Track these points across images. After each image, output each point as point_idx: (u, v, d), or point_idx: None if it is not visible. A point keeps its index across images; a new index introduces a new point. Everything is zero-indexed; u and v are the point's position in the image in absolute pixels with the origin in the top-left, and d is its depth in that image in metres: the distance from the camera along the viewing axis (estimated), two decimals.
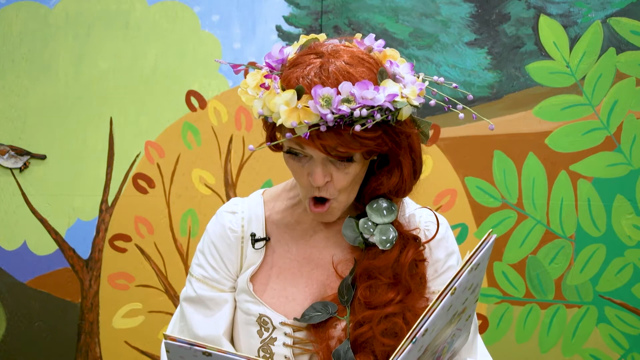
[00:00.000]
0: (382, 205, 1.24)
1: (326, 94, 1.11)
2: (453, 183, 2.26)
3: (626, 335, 2.23)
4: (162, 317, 2.35)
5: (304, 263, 1.28)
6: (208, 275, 1.30)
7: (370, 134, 1.13)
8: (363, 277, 1.22)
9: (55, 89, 2.39)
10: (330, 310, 1.22)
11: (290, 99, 1.13)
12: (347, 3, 2.30)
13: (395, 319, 1.19)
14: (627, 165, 2.22)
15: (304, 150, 1.17)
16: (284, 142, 1.18)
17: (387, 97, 1.11)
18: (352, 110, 1.09)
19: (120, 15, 2.38)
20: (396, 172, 1.22)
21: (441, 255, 1.28)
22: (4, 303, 2.40)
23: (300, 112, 1.11)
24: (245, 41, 2.35)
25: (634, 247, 2.22)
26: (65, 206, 2.38)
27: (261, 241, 1.29)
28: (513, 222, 2.25)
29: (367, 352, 1.18)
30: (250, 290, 1.26)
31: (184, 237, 2.34)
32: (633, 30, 2.22)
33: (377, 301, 1.19)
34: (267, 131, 1.25)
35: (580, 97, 2.23)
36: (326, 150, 1.14)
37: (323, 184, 1.17)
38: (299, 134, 1.12)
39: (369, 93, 1.11)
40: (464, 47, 2.27)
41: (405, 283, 1.21)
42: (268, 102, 1.15)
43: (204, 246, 1.32)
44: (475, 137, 2.25)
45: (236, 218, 1.32)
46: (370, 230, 1.22)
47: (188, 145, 2.35)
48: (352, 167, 1.18)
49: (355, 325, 1.20)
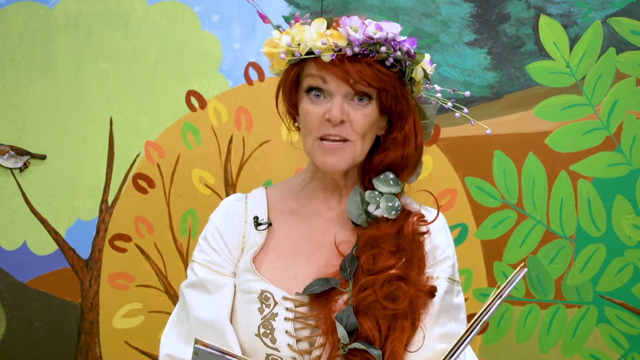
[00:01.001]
0: (388, 176, 1.28)
1: (354, 24, 1.20)
2: (453, 183, 2.26)
3: (626, 335, 2.23)
4: (162, 317, 2.35)
5: (305, 245, 1.30)
6: (210, 259, 1.32)
7: (389, 72, 1.21)
8: (366, 247, 1.25)
9: (55, 89, 2.39)
10: (332, 283, 1.24)
11: (319, 26, 1.21)
12: (347, 3, 2.30)
13: (397, 282, 1.21)
14: (627, 165, 2.22)
15: (325, 85, 1.22)
16: (305, 79, 1.24)
17: (409, 41, 1.21)
18: (378, 38, 1.18)
19: (120, 15, 2.38)
20: (400, 141, 1.27)
21: (440, 243, 1.32)
22: (4, 303, 2.40)
23: (329, 36, 1.19)
24: (245, 41, 2.35)
25: (634, 247, 2.22)
26: (65, 206, 2.38)
27: (263, 224, 1.31)
28: (513, 222, 2.25)
29: (369, 316, 1.20)
30: (252, 268, 1.28)
31: (184, 237, 2.35)
32: (633, 30, 2.22)
33: (380, 267, 1.22)
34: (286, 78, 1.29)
35: (580, 97, 2.23)
36: (348, 80, 1.19)
37: (340, 118, 1.21)
38: (325, 58, 1.18)
39: (393, 27, 1.20)
40: (464, 47, 2.27)
41: (408, 252, 1.24)
42: (298, 33, 1.21)
43: (207, 233, 1.35)
44: (475, 137, 2.25)
45: (239, 204, 1.36)
46: (377, 200, 1.26)
47: (188, 145, 2.35)
48: (369, 109, 1.23)
49: (358, 290, 1.22)
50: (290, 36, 1.23)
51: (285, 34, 1.24)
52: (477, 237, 2.25)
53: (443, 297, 1.28)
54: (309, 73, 1.24)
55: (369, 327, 1.19)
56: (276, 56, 1.24)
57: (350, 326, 1.19)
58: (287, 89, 1.29)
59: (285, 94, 1.30)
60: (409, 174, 1.30)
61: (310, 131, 1.25)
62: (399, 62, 1.22)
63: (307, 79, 1.24)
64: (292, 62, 1.25)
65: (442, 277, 1.29)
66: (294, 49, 1.22)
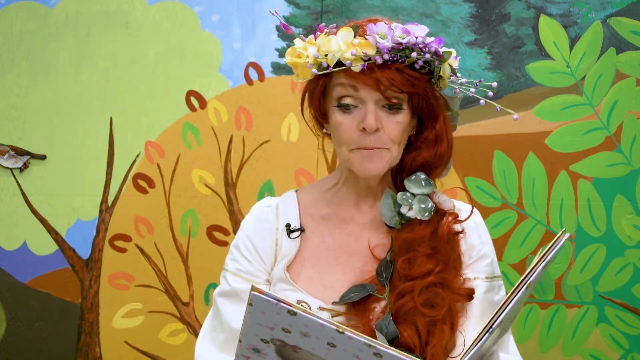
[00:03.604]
0: (420, 177, 1.27)
1: (381, 31, 1.19)
2: (453, 183, 2.26)
3: (626, 335, 2.23)
4: (162, 317, 2.35)
5: (340, 252, 1.28)
6: (242, 268, 1.30)
7: (419, 75, 1.20)
8: (402, 251, 1.23)
9: (55, 89, 2.39)
10: (369, 289, 1.22)
11: (346, 36, 1.20)
12: (347, 3, 2.30)
13: (435, 289, 1.20)
14: (627, 165, 2.22)
15: (356, 93, 1.21)
16: (335, 89, 1.23)
17: (437, 41, 1.21)
18: (407, 43, 1.17)
19: (120, 15, 2.38)
20: (432, 140, 1.26)
21: (475, 242, 1.29)
22: (4, 303, 2.40)
23: (357, 46, 1.18)
24: (245, 41, 2.35)
25: (634, 247, 2.22)
26: (65, 206, 2.38)
27: (296, 231, 1.30)
28: (513, 222, 2.25)
29: (408, 323, 1.19)
30: (287, 278, 1.26)
31: (184, 237, 2.35)
32: (633, 30, 2.22)
33: (417, 272, 1.21)
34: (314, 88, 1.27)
35: (580, 97, 2.23)
36: (379, 87, 1.19)
37: (375, 127, 1.20)
38: (355, 69, 1.18)
39: (420, 30, 1.19)
40: (464, 47, 2.27)
41: (444, 254, 1.22)
42: (324, 44, 1.20)
43: (238, 241, 1.33)
44: (475, 137, 2.25)
45: (270, 210, 1.34)
46: (409, 201, 1.25)
47: (188, 145, 2.35)
48: (401, 116, 1.23)
49: (396, 297, 1.20)
50: (316, 47, 1.21)
51: (310, 44, 1.23)
52: None
53: (483, 298, 1.26)
54: (339, 82, 1.22)
55: (408, 334, 1.18)
56: (301, 66, 1.23)
57: (390, 334, 1.18)
58: (315, 99, 1.27)
59: (313, 103, 1.28)
60: (442, 171, 1.30)
61: (346, 142, 1.23)
62: (428, 63, 1.21)
63: (337, 89, 1.23)
64: (321, 73, 1.23)
65: (480, 277, 1.28)
66: (322, 59, 1.20)
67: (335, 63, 1.20)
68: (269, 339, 0.99)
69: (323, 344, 0.96)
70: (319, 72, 1.20)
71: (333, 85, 1.24)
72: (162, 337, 2.35)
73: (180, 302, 2.34)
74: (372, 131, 1.20)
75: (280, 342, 0.99)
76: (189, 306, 2.34)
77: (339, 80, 1.22)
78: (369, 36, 1.18)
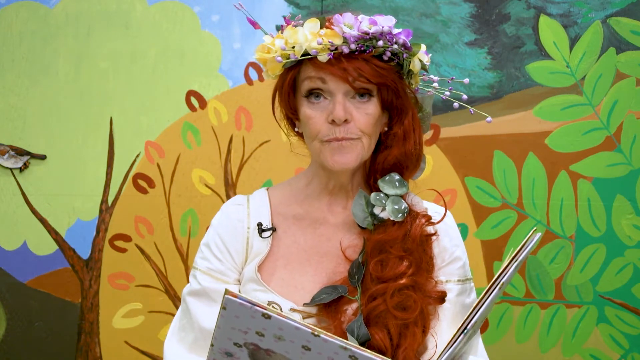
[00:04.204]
0: (394, 177, 1.26)
1: (347, 21, 1.18)
2: (453, 183, 2.26)
3: (626, 335, 2.23)
4: (162, 317, 2.35)
5: (312, 253, 1.27)
6: (213, 267, 1.29)
7: (387, 65, 1.19)
8: (374, 252, 1.22)
9: (55, 89, 2.39)
10: (341, 291, 1.21)
11: (313, 27, 1.19)
12: (347, 3, 2.30)
13: (408, 292, 1.19)
14: (627, 165, 2.22)
15: (325, 85, 1.20)
16: (304, 83, 1.22)
17: (404, 32, 1.19)
18: (373, 33, 1.16)
19: (120, 15, 2.38)
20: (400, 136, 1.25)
21: (447, 245, 1.29)
22: (4, 303, 2.40)
23: (324, 36, 1.18)
24: (245, 41, 2.35)
25: (634, 247, 2.22)
26: (65, 206, 2.38)
27: (268, 231, 1.28)
28: (513, 222, 2.25)
29: (380, 326, 1.18)
30: (258, 278, 1.25)
31: (184, 237, 2.34)
32: (633, 30, 2.22)
33: (389, 274, 1.20)
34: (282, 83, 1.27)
35: (580, 97, 2.23)
36: (347, 78, 1.18)
37: (344, 117, 1.19)
38: (322, 58, 1.17)
39: (387, 20, 1.18)
40: (464, 47, 2.27)
41: (416, 256, 1.22)
42: (291, 36, 1.20)
43: (209, 239, 1.31)
44: (475, 137, 2.25)
45: (242, 209, 1.32)
46: (382, 202, 1.23)
47: (188, 145, 2.35)
48: (371, 107, 1.21)
49: (368, 299, 1.19)
50: (283, 39, 1.21)
51: (278, 37, 1.22)
52: (477, 237, 2.25)
53: (456, 300, 1.26)
54: (307, 76, 1.21)
55: (380, 337, 1.17)
56: (270, 61, 1.22)
57: (362, 337, 1.17)
58: (284, 94, 1.26)
59: (282, 99, 1.27)
60: (413, 170, 1.28)
61: (315, 135, 1.22)
62: (396, 55, 1.20)
63: (306, 82, 1.22)
64: (288, 66, 1.22)
65: (452, 280, 1.28)
66: (289, 52, 1.20)
67: (303, 54, 1.19)
68: (242, 343, 0.98)
69: (298, 347, 0.95)
70: (285, 62, 1.20)
71: (302, 79, 1.23)
72: (162, 337, 2.34)
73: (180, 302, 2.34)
74: (341, 122, 1.19)
75: (253, 345, 0.98)
76: None
77: (307, 73, 1.21)
78: (336, 27, 1.18)
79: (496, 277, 1.07)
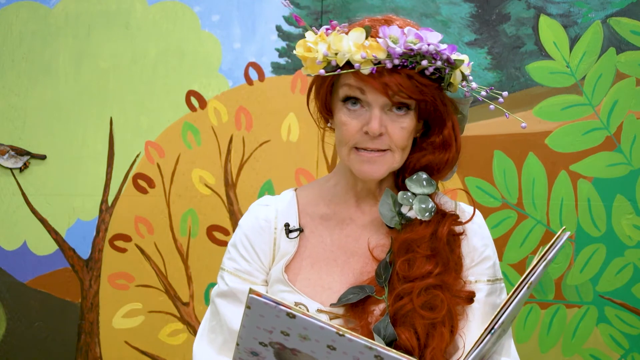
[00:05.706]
0: (421, 176, 1.26)
1: (393, 34, 1.16)
2: (453, 183, 2.26)
3: (626, 335, 2.23)
4: (162, 317, 2.35)
5: (339, 253, 1.27)
6: (240, 268, 1.29)
7: (428, 82, 1.18)
8: (401, 252, 1.21)
9: (55, 89, 2.39)
10: (368, 291, 1.20)
11: (358, 37, 1.17)
12: (347, 3, 2.30)
13: (435, 291, 1.18)
14: (627, 165, 2.22)
15: (363, 95, 1.19)
16: (342, 89, 1.21)
17: (449, 48, 1.19)
18: (418, 49, 1.15)
19: (120, 15, 2.38)
20: (438, 145, 1.24)
21: (478, 244, 1.28)
22: (4, 303, 2.40)
23: (368, 48, 1.15)
24: (245, 41, 2.34)
25: (634, 247, 2.22)
26: (65, 206, 2.38)
27: (295, 231, 1.28)
28: (513, 222, 2.25)
29: (407, 326, 1.17)
30: (285, 279, 1.25)
31: (184, 237, 2.34)
32: (633, 30, 2.22)
33: (416, 273, 1.19)
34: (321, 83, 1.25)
35: (580, 97, 2.23)
36: (387, 92, 1.16)
37: (379, 132, 1.18)
38: (364, 71, 1.16)
39: (434, 36, 1.17)
40: (464, 47, 2.27)
41: (443, 255, 1.21)
42: (334, 43, 1.17)
43: (236, 240, 1.31)
44: (475, 137, 2.25)
45: (269, 209, 1.32)
46: (410, 201, 1.23)
47: (188, 145, 2.35)
48: (407, 121, 1.21)
49: (395, 299, 1.19)
50: (326, 44, 1.19)
51: (321, 40, 1.20)
52: None
53: (485, 301, 1.25)
54: (346, 83, 1.20)
55: (407, 337, 1.16)
56: (310, 60, 1.21)
57: (388, 337, 1.16)
58: (322, 95, 1.26)
59: (319, 99, 1.27)
60: (447, 174, 1.28)
61: (347, 141, 1.21)
62: (439, 70, 1.19)
63: (344, 88, 1.21)
64: (329, 71, 1.21)
65: (482, 280, 1.27)
66: (331, 58, 1.18)
67: (345, 63, 1.18)
68: (267, 342, 0.98)
69: (323, 347, 0.95)
70: (327, 73, 1.18)
71: (341, 84, 1.22)
72: (162, 337, 2.35)
73: (180, 302, 2.34)
74: (375, 136, 1.19)
75: (279, 345, 0.98)
76: (189, 306, 2.34)
77: (347, 80, 1.20)
78: (381, 39, 1.16)
79: (525, 276, 1.07)
